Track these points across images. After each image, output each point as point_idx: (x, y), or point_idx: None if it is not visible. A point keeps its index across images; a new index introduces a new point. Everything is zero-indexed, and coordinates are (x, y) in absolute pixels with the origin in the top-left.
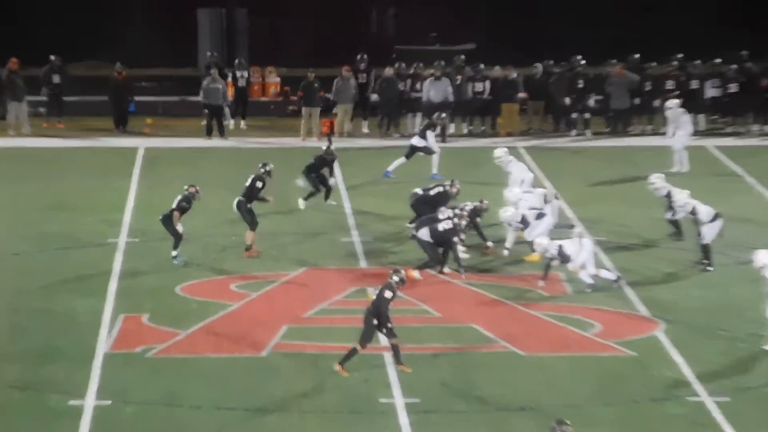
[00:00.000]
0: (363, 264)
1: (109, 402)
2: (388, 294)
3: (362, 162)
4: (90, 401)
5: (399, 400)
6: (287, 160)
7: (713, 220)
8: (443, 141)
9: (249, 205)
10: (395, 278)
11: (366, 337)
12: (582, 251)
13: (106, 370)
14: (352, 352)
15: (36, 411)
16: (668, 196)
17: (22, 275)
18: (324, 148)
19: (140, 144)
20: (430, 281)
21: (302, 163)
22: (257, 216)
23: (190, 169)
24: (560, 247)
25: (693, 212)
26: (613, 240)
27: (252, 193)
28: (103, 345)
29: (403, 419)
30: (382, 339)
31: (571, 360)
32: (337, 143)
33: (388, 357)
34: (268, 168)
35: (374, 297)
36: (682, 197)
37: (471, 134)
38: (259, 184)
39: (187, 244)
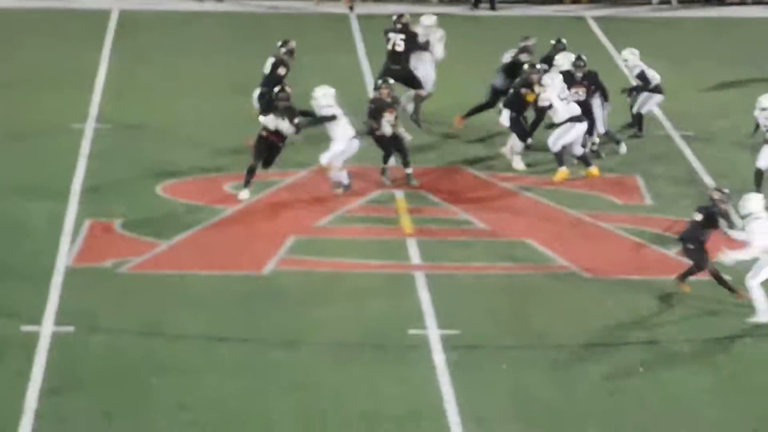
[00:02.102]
0: (391, 162)
1: (71, 329)
2: None
3: None
4: (47, 327)
5: (433, 332)
6: (299, 30)
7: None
8: (492, 8)
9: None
10: None
11: None
12: None
13: (67, 290)
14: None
15: None
16: (641, 76)
17: None
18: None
19: (113, 5)
20: (474, 185)
21: (317, 35)
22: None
23: (175, 38)
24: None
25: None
26: (701, 136)
27: (275, 82)
28: (63, 258)
29: (438, 356)
30: (413, 253)
31: (649, 285)
32: (361, 8)
33: (420, 278)
34: (290, 47)
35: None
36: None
37: (529, 1)
38: (281, 71)
39: (171, 132)
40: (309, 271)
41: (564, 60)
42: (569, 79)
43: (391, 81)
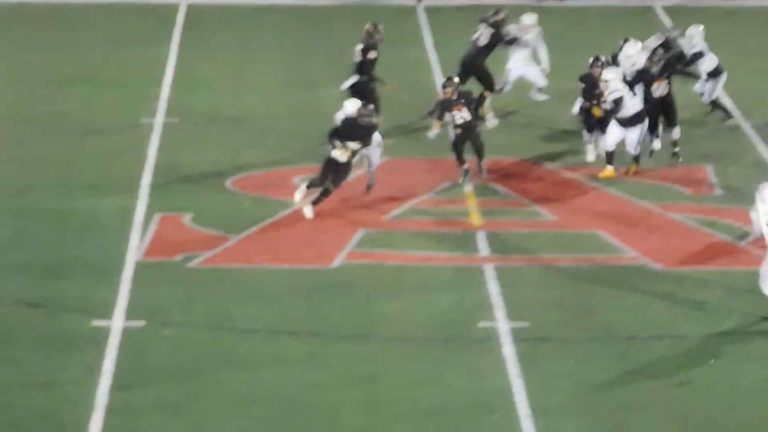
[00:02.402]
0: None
1: (142, 323)
2: None
3: (456, 22)
4: (118, 322)
5: (503, 325)
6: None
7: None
8: None
9: (370, 86)
10: None
11: None
12: None
13: (137, 284)
14: None
15: (49, 334)
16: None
17: (29, 168)
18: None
19: (181, 0)
20: (542, 177)
21: (384, 28)
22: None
23: (242, 32)
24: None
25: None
26: None
27: (366, 68)
28: (133, 253)
29: (508, 349)
30: (482, 246)
31: (720, 276)
32: (429, 0)
33: (489, 270)
34: (379, 30)
35: None
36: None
37: None
38: (372, 55)
39: (240, 124)
40: (377, 264)
41: (634, 50)
42: (648, 77)
43: (456, 79)
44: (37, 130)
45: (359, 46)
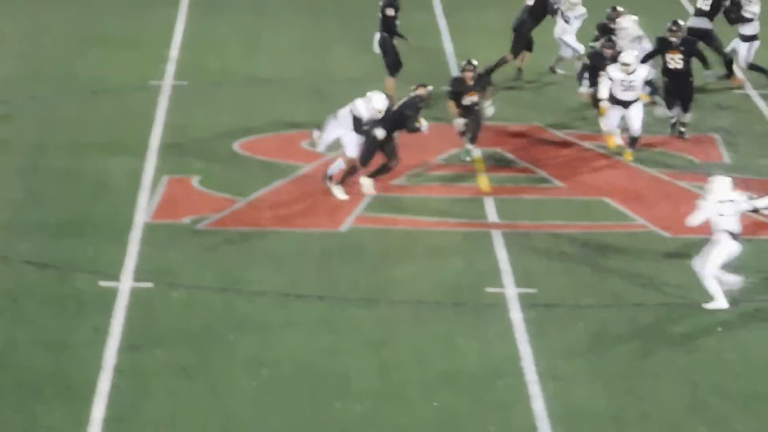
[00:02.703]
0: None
1: (150, 285)
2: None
3: None
4: (126, 283)
5: (511, 290)
6: None
7: None
8: None
9: (393, 41)
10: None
11: None
12: None
13: (145, 245)
14: None
15: (58, 293)
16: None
17: (42, 126)
18: None
19: None
20: (551, 144)
21: None
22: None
23: None
24: None
25: None
26: None
27: (386, 26)
28: (142, 214)
29: (516, 314)
30: (490, 212)
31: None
32: None
33: (497, 236)
34: None
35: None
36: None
37: None
38: (389, 12)
39: (250, 87)
40: (386, 228)
41: (629, 23)
42: (664, 45)
43: (475, 62)
44: (51, 89)
45: (379, 3)
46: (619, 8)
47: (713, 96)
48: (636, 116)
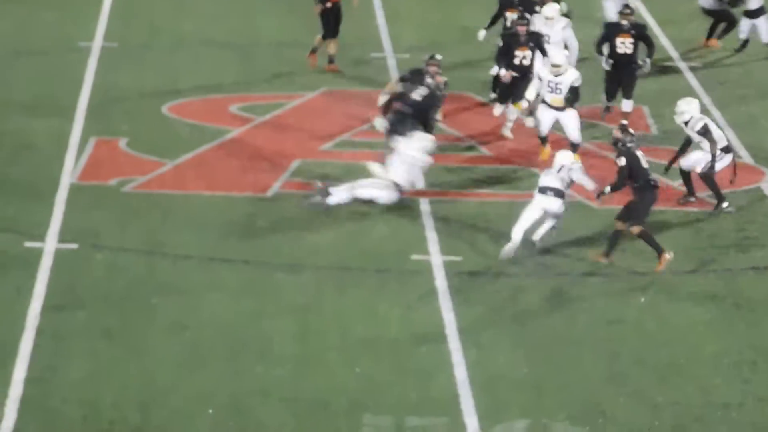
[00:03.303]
0: (397, 87)
1: (75, 246)
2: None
3: None
4: (51, 244)
5: (436, 258)
6: None
7: None
8: None
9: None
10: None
11: None
12: None
13: (71, 207)
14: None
15: None
16: None
17: None
18: None
19: None
20: (479, 112)
21: None
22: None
23: None
24: None
25: None
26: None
27: None
28: (68, 175)
29: (440, 282)
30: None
31: (653, 215)
32: None
33: (424, 203)
34: None
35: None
36: None
37: None
38: None
39: (178, 50)
40: (313, 194)
41: (553, 12)
42: (615, 28)
43: (439, 57)
44: None
45: None
46: None
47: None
48: (571, 124)
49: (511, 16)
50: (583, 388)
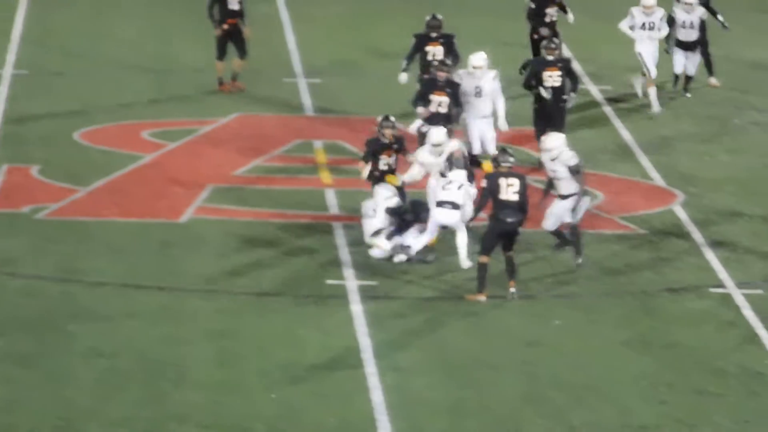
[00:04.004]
0: (309, 111)
1: None
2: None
3: None
4: None
5: (351, 283)
6: None
7: None
8: None
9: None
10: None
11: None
12: None
13: None
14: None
15: None
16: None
17: None
18: None
19: None
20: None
21: None
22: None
23: None
24: None
25: None
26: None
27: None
28: None
29: (356, 306)
30: (331, 203)
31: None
32: None
33: (338, 228)
34: None
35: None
36: None
37: None
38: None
39: (92, 77)
40: (227, 219)
41: (481, 60)
42: (541, 63)
43: (392, 119)
44: None
45: None
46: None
47: None
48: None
49: (432, 50)
50: (501, 410)
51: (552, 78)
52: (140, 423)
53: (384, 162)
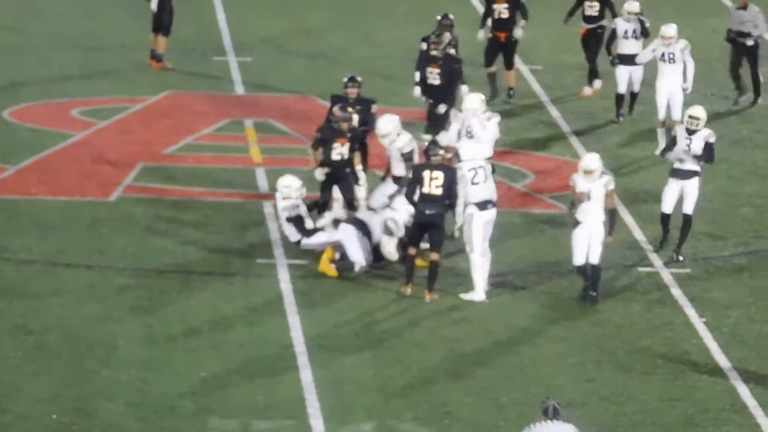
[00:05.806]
0: (239, 89)
1: None
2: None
3: None
4: None
5: (281, 262)
6: None
7: None
8: None
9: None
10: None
11: None
12: None
13: None
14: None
15: None
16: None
17: None
18: None
19: None
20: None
21: None
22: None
23: None
24: None
25: None
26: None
27: None
28: None
29: (285, 285)
30: (261, 183)
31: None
32: None
33: (269, 207)
34: None
35: None
36: None
37: None
38: None
39: (20, 54)
40: (156, 198)
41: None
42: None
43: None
44: None
45: None
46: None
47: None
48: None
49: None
50: (429, 388)
51: (432, 75)
52: (68, 401)
53: (337, 151)
